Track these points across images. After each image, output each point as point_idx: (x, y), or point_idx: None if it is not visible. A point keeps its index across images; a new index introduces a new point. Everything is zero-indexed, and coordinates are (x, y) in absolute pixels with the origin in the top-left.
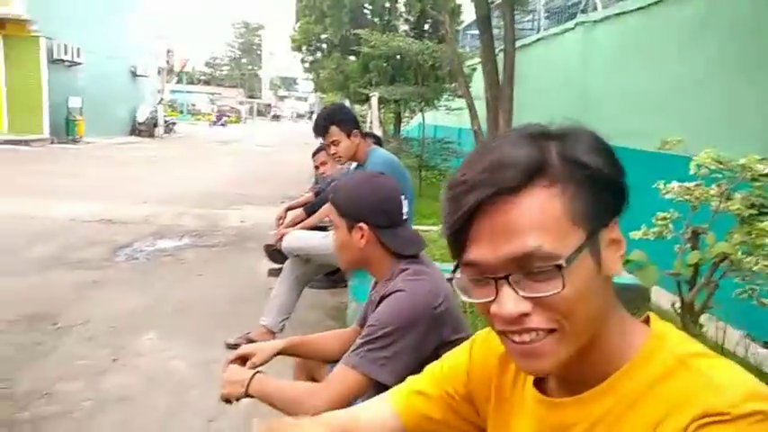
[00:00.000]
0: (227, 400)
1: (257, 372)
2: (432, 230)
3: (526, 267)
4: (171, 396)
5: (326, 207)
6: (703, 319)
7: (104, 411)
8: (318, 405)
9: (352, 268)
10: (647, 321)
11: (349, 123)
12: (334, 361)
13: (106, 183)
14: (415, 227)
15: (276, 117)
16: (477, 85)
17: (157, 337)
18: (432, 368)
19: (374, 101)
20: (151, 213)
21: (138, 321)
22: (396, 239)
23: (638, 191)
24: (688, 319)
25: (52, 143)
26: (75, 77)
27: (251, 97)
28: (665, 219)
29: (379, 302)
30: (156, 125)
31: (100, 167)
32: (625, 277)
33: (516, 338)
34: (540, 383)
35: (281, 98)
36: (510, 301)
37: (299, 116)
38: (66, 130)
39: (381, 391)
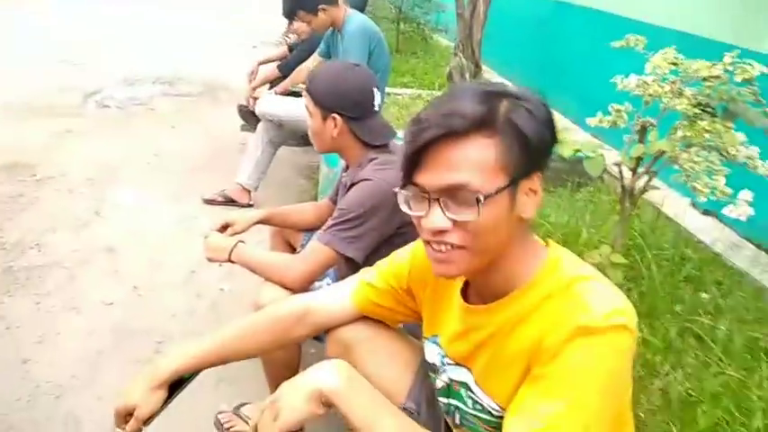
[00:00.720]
0: (211, 260)
1: (239, 241)
2: (405, 94)
3: (455, 195)
4: (154, 248)
5: (300, 69)
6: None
7: (93, 261)
8: (295, 275)
9: (325, 152)
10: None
11: (314, 1)
12: (308, 230)
13: (59, 13)
14: (389, 88)
15: None
16: None
17: (136, 190)
18: (380, 264)
19: None
20: (119, 57)
21: (115, 173)
22: (367, 130)
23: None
24: (626, 202)
25: None
26: None
27: None
28: (618, 110)
29: (350, 187)
30: None
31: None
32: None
33: (435, 247)
34: (464, 292)
35: None
36: (437, 218)
37: None
38: None
39: (350, 265)
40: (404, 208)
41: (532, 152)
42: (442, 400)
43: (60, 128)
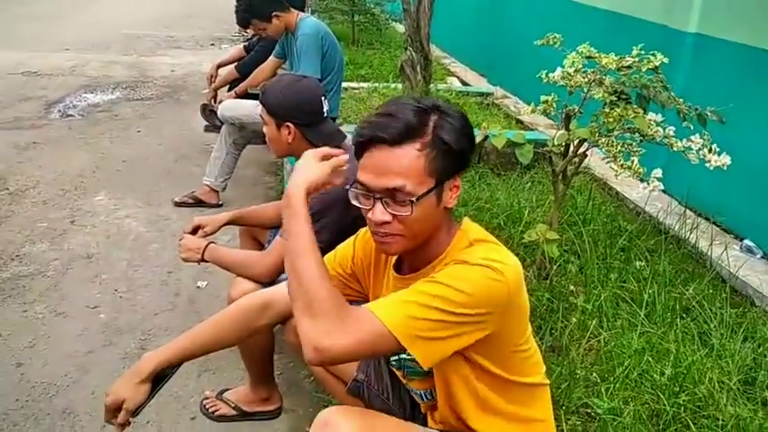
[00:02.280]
0: (185, 260)
1: (210, 242)
2: (362, 88)
3: (392, 195)
4: (130, 252)
5: (258, 71)
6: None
7: (73, 269)
8: (263, 269)
9: (282, 157)
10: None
11: (266, 9)
12: (273, 227)
13: (17, 23)
14: (346, 83)
15: None
16: None
17: (108, 198)
18: (329, 255)
19: None
20: (76, 63)
21: (86, 182)
22: (318, 135)
23: None
24: (559, 184)
25: None
26: None
27: None
28: (546, 101)
29: None
30: None
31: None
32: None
33: (379, 235)
34: (397, 267)
35: None
36: (379, 212)
37: None
38: None
39: None
40: (354, 202)
41: (455, 159)
42: (392, 359)
43: (27, 139)
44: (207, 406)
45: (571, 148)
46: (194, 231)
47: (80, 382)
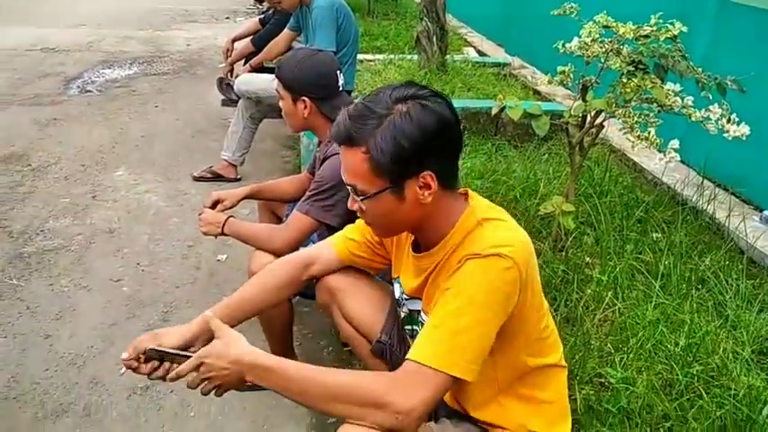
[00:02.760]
0: (206, 234)
1: (230, 216)
2: (377, 60)
3: (354, 190)
4: (151, 226)
5: (272, 44)
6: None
7: (96, 243)
8: (282, 242)
9: (298, 131)
10: (467, 195)
11: None
12: (290, 201)
13: (30, 2)
14: (361, 55)
15: None
16: None
17: (128, 173)
18: (359, 222)
19: None
20: (93, 39)
21: (106, 158)
22: (333, 109)
23: None
24: (575, 155)
25: None
26: None
27: None
28: (563, 72)
29: (323, 161)
30: None
31: None
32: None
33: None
34: (413, 246)
35: None
36: (350, 201)
37: None
38: None
39: (329, 230)
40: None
41: (403, 163)
42: (407, 327)
43: (47, 116)
44: None
45: (588, 119)
46: (214, 206)
47: (105, 352)
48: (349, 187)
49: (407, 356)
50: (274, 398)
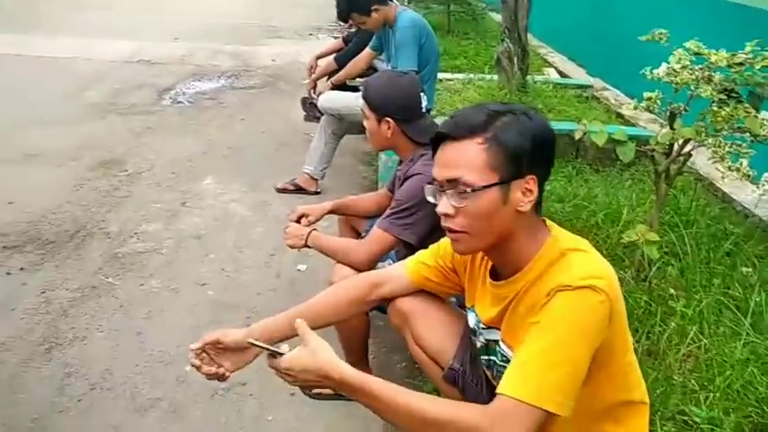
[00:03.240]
0: (291, 247)
1: (313, 230)
2: (456, 79)
3: (455, 186)
4: (236, 234)
5: (354, 63)
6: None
7: (184, 248)
8: (361, 257)
9: (381, 150)
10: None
11: (366, 3)
12: (370, 217)
13: (134, 15)
14: (440, 74)
15: None
16: None
17: (215, 182)
18: (432, 247)
19: None
20: (185, 52)
21: (195, 167)
22: (416, 130)
23: None
24: (661, 183)
25: None
26: None
27: None
28: (650, 98)
29: (404, 180)
30: None
31: None
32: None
33: (449, 232)
34: (492, 272)
35: None
36: (443, 204)
37: None
38: None
39: (407, 248)
40: (429, 198)
41: (519, 158)
42: (483, 357)
43: (142, 124)
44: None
45: (675, 148)
46: (298, 220)
47: None
48: (448, 184)
49: (500, 391)
50: (351, 406)
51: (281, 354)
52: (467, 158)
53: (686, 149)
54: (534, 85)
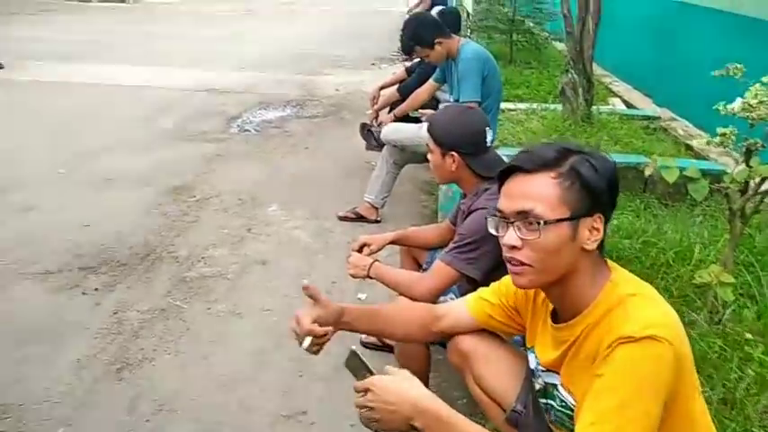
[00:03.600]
0: (353, 276)
1: (375, 260)
2: (519, 109)
3: (524, 219)
4: (299, 260)
5: (416, 94)
6: None
7: (249, 273)
8: (423, 290)
9: (445, 183)
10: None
11: (429, 36)
12: (432, 248)
13: (205, 45)
14: (503, 104)
15: None
16: None
17: (279, 209)
18: (494, 285)
19: None
20: (252, 81)
21: (260, 194)
22: (481, 164)
23: None
24: (736, 222)
25: None
26: None
27: None
28: (724, 135)
29: (468, 214)
30: None
31: (192, 25)
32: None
33: (511, 263)
34: (553, 314)
35: None
36: (510, 236)
37: None
38: None
39: (470, 283)
40: (491, 230)
41: (591, 196)
42: (541, 400)
43: (211, 151)
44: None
45: (751, 185)
46: (360, 249)
47: (254, 379)
48: (517, 216)
49: None
50: None
51: (373, 373)
52: (539, 191)
53: (763, 188)
54: (599, 116)
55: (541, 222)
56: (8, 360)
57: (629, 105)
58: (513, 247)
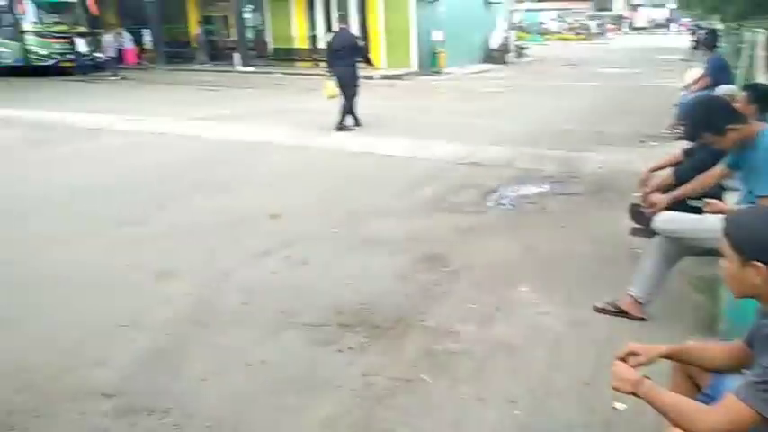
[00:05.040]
0: (615, 389)
1: (646, 377)
2: None
3: None
4: (549, 352)
5: (704, 177)
6: None
7: (495, 356)
8: (706, 427)
9: (741, 297)
10: None
11: (721, 122)
12: (716, 371)
13: (467, 119)
14: None
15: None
16: None
17: (531, 290)
18: None
19: (762, 38)
20: (511, 156)
21: (512, 272)
22: None
23: None
24: None
25: (419, 75)
26: (435, 12)
27: (601, 10)
28: None
29: None
30: (507, 51)
31: (458, 101)
32: None
33: None
34: None
35: (635, 7)
36: None
37: (658, 26)
38: (430, 62)
39: None
40: None
41: None
42: None
43: (466, 223)
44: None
45: None
46: (625, 357)
47: None
48: None
49: None
50: None
51: None
52: None
53: None
54: None
55: None
56: (266, 405)
57: None
58: None
